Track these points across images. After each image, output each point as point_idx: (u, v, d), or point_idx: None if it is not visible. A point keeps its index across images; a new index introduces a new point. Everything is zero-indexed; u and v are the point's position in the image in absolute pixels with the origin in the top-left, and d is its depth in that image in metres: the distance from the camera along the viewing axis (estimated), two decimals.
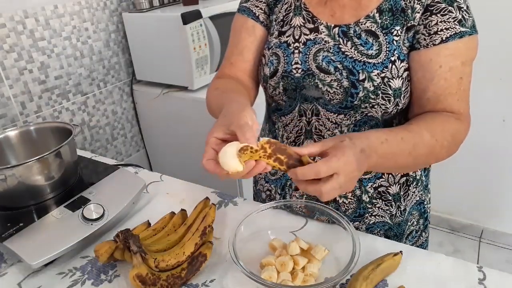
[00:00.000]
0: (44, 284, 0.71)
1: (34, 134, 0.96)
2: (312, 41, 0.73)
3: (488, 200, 1.99)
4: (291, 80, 0.74)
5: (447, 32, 0.65)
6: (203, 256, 0.69)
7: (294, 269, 0.65)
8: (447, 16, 0.65)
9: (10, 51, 1.37)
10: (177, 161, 1.90)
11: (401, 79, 0.68)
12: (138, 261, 0.64)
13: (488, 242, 2.05)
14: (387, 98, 0.68)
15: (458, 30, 0.65)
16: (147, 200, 0.92)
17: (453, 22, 0.65)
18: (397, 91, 0.68)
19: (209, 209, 0.73)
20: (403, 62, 0.68)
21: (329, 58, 0.70)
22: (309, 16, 0.74)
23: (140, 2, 1.68)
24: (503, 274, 0.65)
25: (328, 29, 0.72)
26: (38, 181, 0.82)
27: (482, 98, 1.78)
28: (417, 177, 0.81)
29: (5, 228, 0.75)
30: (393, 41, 0.67)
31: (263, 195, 0.93)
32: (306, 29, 0.74)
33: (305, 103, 0.76)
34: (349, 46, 0.70)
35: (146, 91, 1.81)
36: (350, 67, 0.69)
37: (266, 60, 0.78)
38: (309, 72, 0.72)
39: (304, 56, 0.73)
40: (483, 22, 1.69)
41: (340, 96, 0.70)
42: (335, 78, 0.70)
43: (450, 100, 0.68)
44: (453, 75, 0.67)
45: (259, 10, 0.81)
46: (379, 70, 0.67)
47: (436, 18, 0.65)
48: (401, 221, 0.82)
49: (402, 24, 0.68)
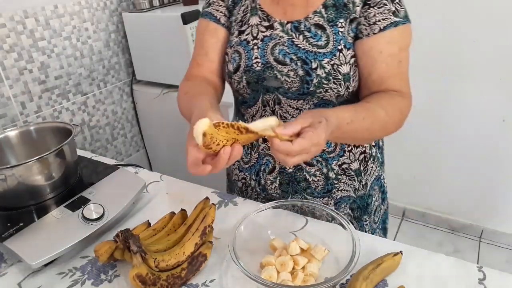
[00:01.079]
0: (44, 284, 0.71)
1: (34, 134, 0.96)
2: (268, 37, 0.80)
3: (488, 200, 1.99)
4: (252, 73, 0.81)
5: (384, 22, 0.74)
6: (203, 256, 0.69)
7: (294, 269, 0.65)
8: (382, 8, 0.74)
9: (10, 51, 1.37)
10: (177, 161, 1.89)
11: (348, 65, 0.76)
12: (138, 261, 0.64)
13: (488, 242, 2.05)
14: (338, 83, 0.76)
15: (393, 20, 0.74)
16: (147, 200, 0.92)
17: (388, 14, 0.74)
18: (346, 75, 0.76)
19: (209, 209, 0.73)
20: (349, 50, 0.76)
21: (284, 51, 0.78)
22: (264, 15, 0.81)
23: (140, 2, 1.68)
24: (503, 274, 0.65)
25: (282, 25, 0.79)
26: (38, 181, 0.82)
27: (482, 98, 1.78)
28: (373, 154, 0.90)
29: (5, 228, 0.75)
30: (339, 32, 0.76)
31: (239, 184, 0.98)
32: (262, 27, 0.81)
33: (267, 94, 0.82)
34: (301, 39, 0.77)
35: (146, 91, 1.81)
36: (304, 58, 0.76)
37: (229, 57, 0.85)
38: (268, 65, 0.79)
39: (262, 51, 0.80)
40: (483, 22, 1.69)
41: (297, 84, 0.78)
42: (291, 68, 0.77)
43: (392, 80, 0.76)
44: (393, 60, 0.75)
45: (219, 14, 0.88)
46: (328, 58, 0.75)
47: (374, 10, 0.74)
48: (363, 194, 0.90)
49: (345, 17, 0.76)
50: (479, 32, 1.69)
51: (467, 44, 1.72)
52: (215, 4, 0.88)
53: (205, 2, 0.91)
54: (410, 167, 2.11)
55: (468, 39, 1.71)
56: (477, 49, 1.71)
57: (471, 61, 1.74)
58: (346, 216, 0.88)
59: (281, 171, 0.88)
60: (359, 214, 0.92)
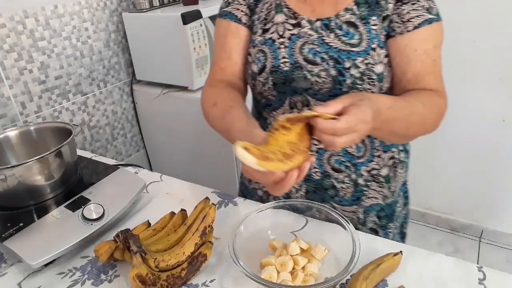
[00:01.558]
0: (44, 284, 0.71)
1: (34, 134, 0.96)
2: (296, 35, 0.77)
3: (488, 200, 1.99)
4: (280, 74, 0.77)
5: (418, 19, 0.71)
6: (203, 256, 0.69)
7: (294, 269, 0.65)
8: (416, 5, 0.72)
9: (10, 51, 1.37)
10: (177, 161, 1.90)
11: (382, 65, 0.74)
12: (138, 261, 0.64)
13: (488, 242, 2.05)
14: (372, 83, 0.73)
15: (427, 17, 0.72)
16: (147, 200, 0.92)
17: (422, 10, 0.72)
18: (380, 75, 0.74)
19: (209, 209, 0.73)
20: (382, 49, 0.73)
21: (315, 50, 0.75)
22: (291, 13, 0.78)
23: (140, 2, 1.68)
24: (503, 274, 0.65)
25: (310, 23, 0.76)
26: (38, 181, 0.82)
27: (482, 98, 1.78)
28: (402, 159, 0.87)
29: (5, 228, 0.75)
30: (372, 30, 0.73)
31: (259, 192, 0.94)
32: (289, 24, 0.77)
33: (295, 96, 0.79)
34: (332, 37, 0.74)
35: (146, 91, 1.81)
36: (336, 57, 0.73)
37: (252, 57, 0.81)
38: (297, 65, 0.76)
39: (290, 50, 0.76)
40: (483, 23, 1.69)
41: (329, 84, 0.74)
42: (322, 68, 0.74)
43: (428, 79, 0.73)
44: (428, 58, 0.73)
45: (240, 13, 0.84)
46: (362, 57, 0.72)
47: (407, 7, 0.72)
48: (391, 202, 0.87)
49: (378, 15, 0.73)
50: (479, 32, 1.68)
51: (467, 44, 1.72)
52: (235, 3, 0.84)
53: (223, 2, 0.88)
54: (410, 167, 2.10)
55: (468, 40, 1.71)
56: (477, 49, 1.71)
57: (471, 62, 1.74)
58: (373, 225, 0.86)
59: (307, 178, 0.83)
60: (386, 222, 0.87)
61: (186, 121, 1.72)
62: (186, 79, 1.64)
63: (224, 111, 0.76)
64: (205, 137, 1.69)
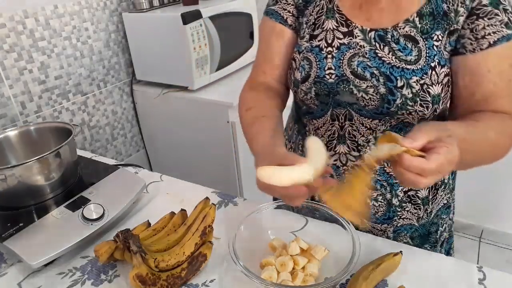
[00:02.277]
0: (44, 284, 0.71)
1: (34, 134, 0.96)
2: (346, 45, 0.70)
3: (488, 200, 1.99)
4: (324, 85, 0.72)
5: (494, 36, 0.63)
6: (203, 256, 0.69)
7: (294, 269, 0.65)
8: (494, 20, 0.63)
9: (10, 51, 1.37)
10: (177, 161, 1.89)
11: (441, 85, 0.66)
12: (138, 261, 0.64)
13: (488, 242, 2.05)
14: (425, 105, 0.67)
15: (506, 33, 0.63)
16: (147, 200, 0.92)
17: (500, 26, 0.63)
18: (436, 97, 0.67)
19: (209, 209, 0.73)
20: (443, 67, 0.66)
21: (365, 64, 0.68)
22: (343, 19, 0.71)
23: (140, 2, 1.68)
24: (503, 274, 0.65)
25: (364, 33, 0.69)
26: (38, 181, 0.82)
27: None
28: (445, 180, 0.81)
29: (5, 228, 0.75)
30: (434, 47, 0.65)
31: None
32: (339, 32, 0.71)
33: (338, 108, 0.74)
34: (386, 51, 0.67)
35: (146, 91, 1.81)
36: (388, 73, 0.67)
37: (297, 64, 0.76)
38: (343, 77, 0.70)
39: (338, 61, 0.70)
40: None
41: (376, 102, 0.69)
42: (371, 84, 0.68)
43: (500, 102, 0.65)
44: (502, 79, 0.65)
45: (287, 13, 0.79)
46: (418, 77, 0.65)
47: (483, 22, 0.63)
48: (426, 222, 0.81)
49: (443, 29, 0.65)
50: None
51: None
52: (283, 2, 0.79)
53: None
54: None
55: None
56: None
57: None
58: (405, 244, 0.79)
59: None
60: (420, 242, 0.82)
61: (186, 121, 1.71)
62: (186, 79, 1.64)
63: (254, 119, 0.74)
64: (205, 137, 1.69)
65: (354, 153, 0.75)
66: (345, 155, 0.77)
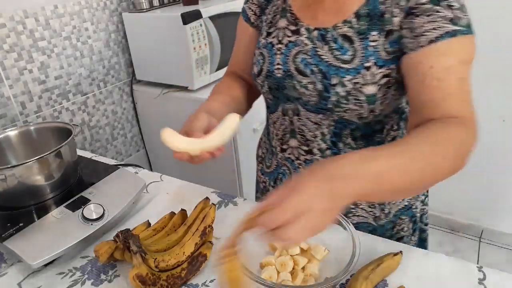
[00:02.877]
0: (44, 284, 0.71)
1: (34, 134, 0.96)
2: (293, 43, 0.74)
3: (488, 200, 2.00)
4: (273, 80, 0.76)
5: (435, 32, 0.60)
6: (203, 256, 0.69)
7: (294, 269, 0.65)
8: (433, 16, 0.60)
9: (10, 51, 1.37)
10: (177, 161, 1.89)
11: (376, 86, 0.66)
12: (138, 261, 0.64)
13: (488, 242, 2.05)
14: (359, 104, 0.67)
15: (450, 29, 0.60)
16: (147, 200, 0.93)
17: (442, 22, 0.60)
18: (371, 97, 0.67)
19: (209, 209, 0.73)
20: (381, 68, 0.65)
21: (306, 61, 0.72)
22: (293, 18, 0.75)
23: (140, 2, 1.68)
24: (503, 274, 0.65)
25: (308, 31, 0.72)
26: (38, 181, 0.82)
27: (482, 98, 1.77)
28: None
29: (5, 228, 0.75)
30: (369, 47, 0.66)
31: (260, 186, 0.97)
32: (289, 31, 0.75)
33: (288, 103, 0.78)
34: (325, 50, 0.70)
35: (146, 91, 1.81)
36: (324, 71, 0.69)
37: (254, 59, 0.81)
38: (288, 73, 0.74)
39: (285, 57, 0.74)
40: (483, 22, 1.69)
41: (315, 98, 0.72)
42: (310, 80, 0.71)
43: (449, 102, 0.61)
44: (449, 75, 0.61)
45: (251, 12, 0.84)
46: (351, 76, 0.66)
47: (420, 19, 0.61)
48: (385, 222, 0.82)
49: (380, 29, 0.65)
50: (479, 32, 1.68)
51: None
52: (250, 1, 0.85)
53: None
54: None
55: None
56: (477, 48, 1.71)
57: None
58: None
59: None
60: None
61: None
62: (186, 79, 1.64)
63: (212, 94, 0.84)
64: None
65: (304, 147, 0.79)
66: (297, 149, 0.80)
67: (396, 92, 0.69)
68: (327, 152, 0.76)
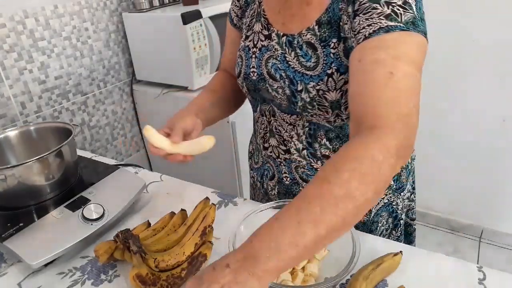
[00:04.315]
0: (44, 284, 0.71)
1: (34, 134, 0.96)
2: (265, 47, 0.76)
3: (488, 200, 2.00)
4: (250, 81, 0.79)
5: (369, 29, 0.59)
6: (203, 256, 0.69)
7: (294, 269, 0.65)
8: (370, 13, 0.59)
9: (10, 51, 1.37)
10: None
11: (339, 92, 0.66)
12: (138, 261, 0.64)
13: (488, 242, 2.05)
14: (324, 110, 0.69)
15: (385, 24, 0.57)
16: (147, 200, 0.93)
17: (378, 18, 0.58)
18: (335, 103, 0.67)
19: (209, 209, 0.73)
20: (343, 74, 0.65)
21: (276, 66, 0.73)
22: (266, 23, 0.77)
23: (140, 2, 1.68)
24: (503, 274, 0.65)
25: (278, 37, 0.74)
26: (38, 181, 0.82)
27: (482, 98, 1.78)
28: None
29: (5, 228, 0.75)
30: (330, 54, 0.66)
31: (250, 181, 1.00)
32: (262, 35, 0.77)
33: (264, 104, 0.81)
34: (292, 56, 0.71)
35: (146, 91, 1.81)
36: (291, 77, 0.71)
37: (236, 60, 0.84)
38: (261, 76, 0.76)
39: (258, 61, 0.77)
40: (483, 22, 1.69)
41: (285, 102, 0.74)
42: (280, 85, 0.73)
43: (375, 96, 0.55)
44: (378, 68, 0.55)
45: (233, 14, 0.87)
46: (314, 83, 0.67)
47: (359, 18, 0.60)
48: (366, 220, 0.82)
49: (338, 36, 0.66)
50: (479, 31, 1.68)
51: (467, 43, 1.72)
52: (233, 3, 0.87)
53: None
54: None
55: (468, 39, 1.71)
56: (477, 48, 1.71)
57: (471, 61, 1.74)
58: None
59: (279, 181, 0.85)
60: None
61: None
62: (186, 79, 1.64)
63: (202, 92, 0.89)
64: None
65: (282, 147, 0.81)
66: (276, 148, 0.83)
67: None
68: (304, 152, 0.78)
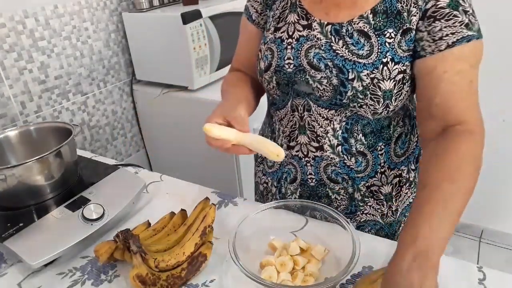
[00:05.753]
0: (44, 284, 0.71)
1: (34, 134, 0.96)
2: (304, 37, 0.74)
3: (488, 200, 1.99)
4: (283, 74, 0.76)
5: (453, 37, 0.63)
6: (203, 256, 0.69)
7: (294, 269, 0.65)
8: (452, 21, 0.63)
9: (10, 51, 1.37)
10: (177, 161, 1.89)
11: (393, 81, 0.68)
12: (138, 261, 0.64)
13: (488, 242, 2.05)
14: (376, 99, 0.69)
15: (466, 34, 0.63)
16: (147, 200, 0.93)
17: (460, 27, 0.63)
18: (388, 93, 0.68)
19: (209, 209, 0.73)
20: (397, 64, 0.67)
21: (320, 55, 0.71)
22: (303, 13, 0.75)
23: (140, 2, 1.68)
24: (503, 274, 0.65)
25: (321, 26, 0.72)
26: (38, 181, 0.82)
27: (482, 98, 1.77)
28: (411, 178, 0.81)
29: (5, 228, 0.75)
30: (386, 43, 0.67)
31: (260, 188, 0.96)
32: (299, 25, 0.75)
33: (297, 98, 0.77)
34: (340, 45, 0.70)
35: (146, 91, 1.81)
36: (340, 66, 0.69)
37: (261, 54, 0.80)
38: (300, 67, 0.73)
39: (296, 51, 0.74)
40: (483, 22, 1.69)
41: (330, 93, 0.71)
42: (325, 75, 0.71)
43: (460, 107, 0.65)
44: (462, 79, 0.64)
45: (252, 10, 0.85)
46: (369, 71, 0.67)
47: (440, 23, 0.64)
48: (392, 221, 0.82)
49: (397, 27, 0.67)
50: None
51: None
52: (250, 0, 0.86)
53: None
54: None
55: None
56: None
57: None
58: None
59: (302, 183, 0.83)
60: None
61: (186, 121, 1.71)
62: (186, 79, 1.64)
63: (228, 85, 0.85)
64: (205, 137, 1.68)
65: (314, 143, 0.78)
66: (306, 145, 0.79)
67: (409, 89, 0.71)
68: (338, 148, 0.76)
